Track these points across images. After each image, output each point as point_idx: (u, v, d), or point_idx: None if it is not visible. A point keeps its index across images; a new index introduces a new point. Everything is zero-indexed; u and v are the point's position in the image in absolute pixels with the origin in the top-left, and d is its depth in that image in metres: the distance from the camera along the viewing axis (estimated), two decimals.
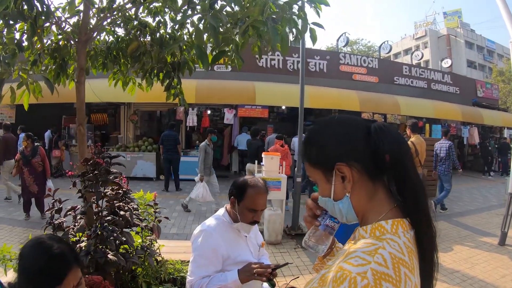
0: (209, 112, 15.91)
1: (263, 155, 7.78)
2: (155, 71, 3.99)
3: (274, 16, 2.73)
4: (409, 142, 8.00)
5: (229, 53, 3.38)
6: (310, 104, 14.13)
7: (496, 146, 20.84)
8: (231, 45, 3.14)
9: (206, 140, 9.99)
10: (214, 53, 2.97)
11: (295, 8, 2.89)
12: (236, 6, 2.74)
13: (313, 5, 2.96)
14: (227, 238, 2.50)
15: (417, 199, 1.09)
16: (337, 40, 19.69)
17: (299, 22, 2.96)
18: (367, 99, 15.99)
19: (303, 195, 9.32)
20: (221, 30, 2.76)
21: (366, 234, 1.10)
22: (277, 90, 14.48)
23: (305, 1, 2.94)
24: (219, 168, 15.48)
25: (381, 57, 22.72)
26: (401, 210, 1.12)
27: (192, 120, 14.27)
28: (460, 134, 20.68)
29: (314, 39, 3.49)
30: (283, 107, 16.44)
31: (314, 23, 3.03)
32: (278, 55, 15.90)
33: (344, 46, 20.84)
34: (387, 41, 21.52)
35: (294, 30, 2.93)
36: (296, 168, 8.09)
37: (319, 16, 3.08)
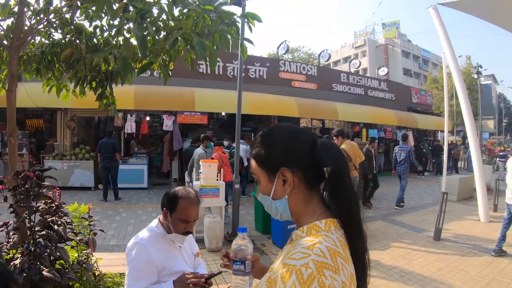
0: (148, 118, 15.62)
1: (200, 163, 7.67)
2: (88, 79, 3.86)
3: (205, 30, 2.73)
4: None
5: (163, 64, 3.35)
6: (249, 111, 14.14)
7: (430, 148, 22.14)
8: (161, 57, 3.09)
9: (201, 146, 9.95)
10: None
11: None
12: (170, 18, 2.73)
13: (246, 20, 3.00)
14: (161, 249, 2.48)
15: (351, 206, 1.22)
16: (278, 47, 19.92)
17: (233, 36, 2.99)
18: (305, 106, 16.19)
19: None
20: (151, 39, 2.74)
21: (303, 233, 1.21)
22: (217, 96, 14.41)
23: (237, 17, 2.97)
24: (158, 175, 15.31)
25: (320, 65, 23.20)
26: (332, 212, 1.25)
27: (130, 126, 13.74)
28: (395, 138, 21.55)
29: (244, 53, 3.56)
30: (223, 113, 16.39)
31: (245, 39, 3.09)
32: (218, 62, 15.78)
33: (284, 54, 21.02)
34: (326, 49, 22.06)
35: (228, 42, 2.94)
36: (234, 175, 8.08)
37: (251, 31, 3.11)
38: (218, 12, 2.94)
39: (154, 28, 2.63)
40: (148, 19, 2.60)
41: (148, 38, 2.74)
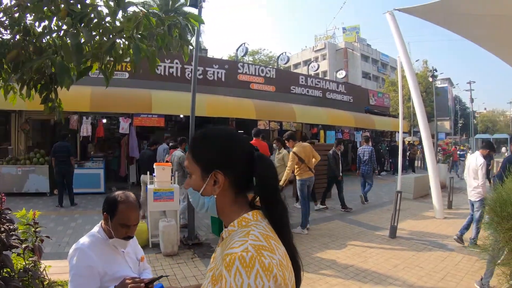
0: (104, 121, 15.31)
1: (154, 166, 7.59)
2: (33, 82, 3.74)
3: (144, 33, 2.72)
4: (291, 153, 8.74)
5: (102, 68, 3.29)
6: (207, 113, 14.14)
7: (388, 148, 22.70)
8: (102, 60, 3.05)
9: (180, 148, 9.60)
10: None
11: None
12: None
13: (188, 23, 3.01)
14: (103, 255, 2.44)
15: (277, 209, 1.34)
16: (237, 49, 19.97)
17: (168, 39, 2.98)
18: (263, 108, 16.29)
19: None
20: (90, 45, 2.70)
21: (235, 227, 1.30)
22: (175, 98, 14.23)
23: (182, 19, 2.98)
24: (116, 180, 15.05)
25: (280, 67, 23.38)
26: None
27: (86, 129, 13.25)
28: (353, 139, 21.99)
29: (185, 56, 3.56)
30: (181, 116, 16.28)
31: (185, 42, 3.10)
32: (176, 63, 15.61)
33: (243, 56, 21.04)
34: (285, 52, 22.23)
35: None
36: None
37: (192, 33, 3.11)
38: (161, 14, 2.93)
39: (94, 33, 2.60)
40: (84, 24, 2.56)
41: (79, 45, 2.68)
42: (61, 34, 3.44)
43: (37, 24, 3.49)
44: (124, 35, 2.75)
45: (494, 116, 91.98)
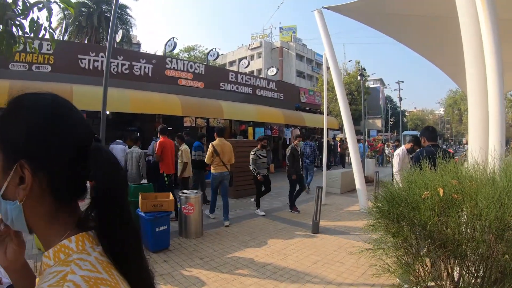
0: None
1: None
2: None
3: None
4: (210, 145, 9.43)
5: None
6: (131, 109, 13.68)
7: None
8: None
9: (135, 146, 9.72)
10: None
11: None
12: None
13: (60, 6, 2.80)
14: None
15: (121, 233, 0.89)
16: (165, 44, 19.51)
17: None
18: (190, 104, 15.96)
19: None
20: None
21: (50, 261, 0.85)
22: (99, 93, 13.60)
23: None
24: None
25: (210, 63, 23.15)
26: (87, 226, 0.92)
27: None
28: (283, 136, 22.12)
29: (52, 43, 3.30)
30: (108, 113, 15.59)
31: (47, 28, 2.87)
32: (102, 56, 14.92)
33: (172, 51, 20.60)
34: (215, 48, 21.98)
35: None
36: None
37: (65, 17, 2.93)
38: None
39: None
40: None
41: None
42: None
43: None
44: None
45: (424, 114, 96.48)
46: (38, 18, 2.99)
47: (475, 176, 3.08)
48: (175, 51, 34.36)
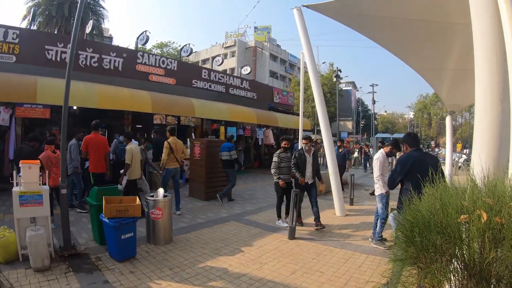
0: None
1: (20, 164, 6.28)
2: None
3: None
4: (165, 142, 10.20)
5: None
6: (98, 104, 13.03)
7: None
8: None
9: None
10: None
11: None
12: None
13: None
14: None
15: None
16: (137, 38, 18.87)
17: None
18: (161, 101, 15.42)
19: None
20: None
21: None
22: (64, 87, 12.98)
23: None
24: (3, 180, 13.11)
25: (183, 59, 22.62)
26: None
27: None
28: (255, 136, 21.79)
29: None
30: (74, 108, 14.89)
31: None
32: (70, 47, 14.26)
33: (144, 45, 20.00)
34: (189, 44, 21.48)
35: None
36: (61, 178, 6.94)
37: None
38: None
39: None
40: None
41: None
42: None
43: None
44: None
45: (394, 118, 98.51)
46: None
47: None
48: (148, 47, 33.74)
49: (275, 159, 9.04)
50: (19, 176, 6.30)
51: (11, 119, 12.36)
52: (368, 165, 25.43)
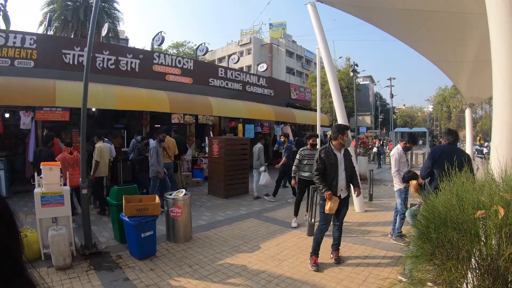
0: (7, 115, 13.56)
1: (41, 166, 6.50)
2: None
3: None
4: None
5: None
6: (117, 106, 13.25)
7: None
8: None
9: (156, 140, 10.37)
10: None
11: None
12: None
13: None
14: None
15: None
16: (153, 39, 18.98)
17: None
18: (178, 100, 15.55)
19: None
20: None
21: None
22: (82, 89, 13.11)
23: None
24: (22, 182, 13.35)
25: (199, 59, 22.69)
26: None
27: None
28: (273, 133, 21.77)
29: (5, 21, 2.93)
30: (93, 109, 15.07)
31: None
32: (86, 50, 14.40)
33: (159, 45, 20.07)
34: (204, 43, 21.48)
35: None
36: (81, 179, 7.06)
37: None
38: None
39: None
40: None
41: None
42: None
43: None
44: None
45: (413, 111, 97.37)
46: None
47: None
48: (164, 47, 33.89)
49: (297, 156, 8.91)
50: (40, 177, 6.44)
51: (31, 122, 12.56)
52: (380, 162, 24.99)
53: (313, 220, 7.84)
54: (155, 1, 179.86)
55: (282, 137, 12.55)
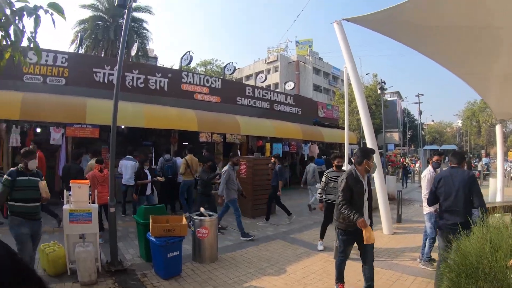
0: (38, 130, 13.97)
1: (70, 183, 6.68)
2: None
3: None
4: (183, 160, 11.98)
5: None
6: (146, 124, 13.48)
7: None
8: None
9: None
10: None
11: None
12: None
13: (49, 13, 2.68)
14: None
15: None
16: (181, 58, 19.26)
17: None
18: (206, 119, 15.68)
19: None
20: None
21: None
22: (112, 107, 13.34)
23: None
24: (52, 195, 13.61)
25: (226, 78, 22.86)
26: None
27: (15, 139, 12.28)
28: (301, 151, 21.64)
29: (38, 53, 3.05)
30: (122, 127, 15.35)
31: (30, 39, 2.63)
32: (117, 69, 14.69)
33: (187, 65, 20.28)
34: (232, 62, 21.71)
35: None
36: (109, 197, 7.20)
37: (54, 26, 2.72)
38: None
39: None
40: None
41: None
42: None
43: None
44: None
45: (441, 127, 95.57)
46: (23, 27, 2.78)
47: None
48: (192, 65, 34.28)
49: (323, 179, 8.71)
50: (69, 194, 6.60)
51: (62, 138, 12.93)
52: (406, 181, 24.20)
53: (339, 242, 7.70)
54: (181, 19, 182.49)
55: (272, 158, 12.91)
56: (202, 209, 7.91)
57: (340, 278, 5.82)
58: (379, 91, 27.36)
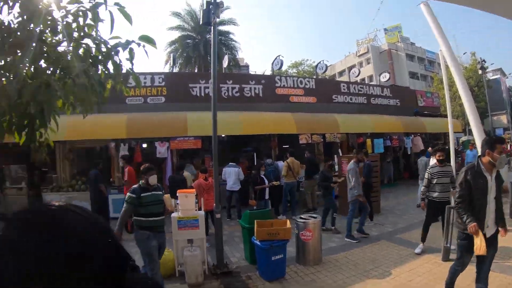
0: (145, 145, 14.88)
1: (178, 193, 7.26)
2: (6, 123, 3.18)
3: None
4: (285, 162, 12.66)
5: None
6: (244, 131, 14.03)
7: None
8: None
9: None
10: None
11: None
12: None
13: (141, 45, 2.94)
14: None
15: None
16: (272, 63, 19.41)
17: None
18: (304, 120, 15.69)
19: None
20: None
21: None
22: (210, 118, 13.84)
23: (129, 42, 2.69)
24: None
25: (319, 77, 22.66)
26: None
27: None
28: (403, 145, 20.68)
29: (138, 83, 3.17)
30: (223, 136, 15.77)
31: (129, 71, 3.03)
32: (211, 83, 15.17)
33: (279, 69, 20.29)
34: (323, 60, 21.43)
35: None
36: (215, 204, 7.51)
37: (147, 56, 2.90)
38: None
39: None
40: None
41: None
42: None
43: None
44: None
45: None
46: (120, 61, 3.05)
47: None
48: (283, 68, 34.56)
49: (426, 175, 8.06)
50: (177, 203, 7.16)
51: (167, 151, 13.90)
52: None
53: (448, 244, 7.23)
54: (265, 24, 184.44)
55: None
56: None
57: (451, 285, 5.26)
58: (480, 71, 25.74)
